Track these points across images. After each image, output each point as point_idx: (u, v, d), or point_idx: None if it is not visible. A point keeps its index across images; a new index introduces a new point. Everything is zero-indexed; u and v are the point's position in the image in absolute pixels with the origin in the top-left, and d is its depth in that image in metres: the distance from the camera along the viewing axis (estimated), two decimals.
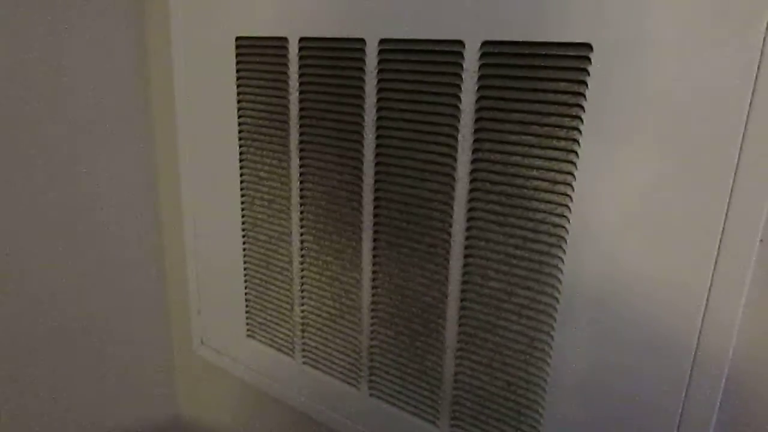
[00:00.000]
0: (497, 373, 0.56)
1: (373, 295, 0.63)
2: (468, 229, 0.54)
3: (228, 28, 0.67)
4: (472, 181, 0.53)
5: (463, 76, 0.50)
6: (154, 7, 0.75)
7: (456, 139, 0.52)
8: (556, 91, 0.46)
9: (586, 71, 0.44)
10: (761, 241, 0.40)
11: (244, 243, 0.75)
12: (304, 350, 0.72)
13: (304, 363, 0.73)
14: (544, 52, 0.46)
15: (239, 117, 0.69)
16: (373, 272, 0.62)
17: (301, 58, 0.61)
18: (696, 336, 0.44)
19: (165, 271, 0.89)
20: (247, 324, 0.78)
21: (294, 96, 0.63)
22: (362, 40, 0.56)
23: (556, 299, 0.50)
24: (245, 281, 0.76)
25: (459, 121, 0.52)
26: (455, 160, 0.53)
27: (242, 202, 0.73)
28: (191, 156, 0.77)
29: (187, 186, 0.79)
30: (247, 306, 0.77)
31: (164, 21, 0.74)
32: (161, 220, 0.86)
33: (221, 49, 0.68)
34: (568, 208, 0.48)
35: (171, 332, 0.93)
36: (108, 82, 0.75)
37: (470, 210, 0.53)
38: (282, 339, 0.75)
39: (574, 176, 0.47)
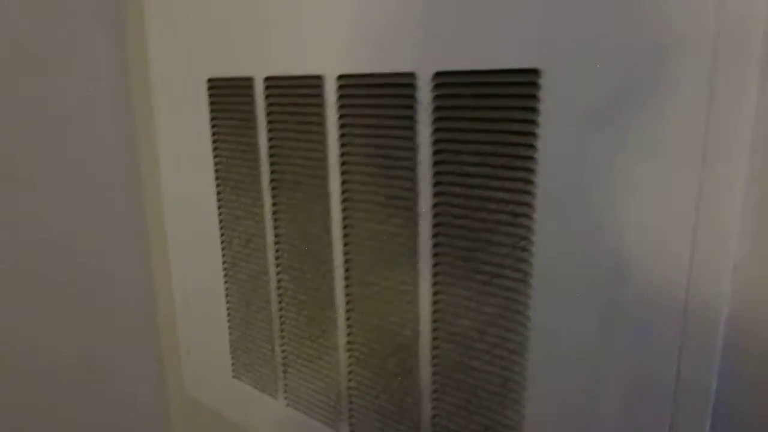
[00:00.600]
0: (474, 416, 0.53)
1: (349, 335, 0.61)
2: (435, 265, 0.52)
3: (200, 69, 0.67)
4: (435, 215, 0.51)
5: (418, 109, 0.49)
6: (136, 53, 0.77)
7: (416, 173, 0.51)
8: (509, 120, 0.44)
9: (536, 97, 0.42)
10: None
11: (225, 282, 0.74)
12: (286, 392, 0.70)
13: (287, 405, 0.71)
14: (493, 80, 0.44)
15: (215, 157, 0.69)
16: (347, 311, 0.60)
17: (267, 96, 0.61)
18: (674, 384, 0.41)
19: (156, 311, 0.89)
20: (233, 364, 0.77)
21: (263, 135, 0.62)
22: (320, 77, 0.55)
23: (526, 337, 0.48)
24: (228, 321, 0.75)
25: (417, 154, 0.50)
26: (417, 194, 0.51)
27: (222, 241, 0.72)
28: (174, 196, 0.77)
29: (171, 224, 0.79)
30: (231, 346, 0.76)
31: (144, 66, 0.75)
32: (150, 258, 0.87)
33: (195, 91, 0.68)
34: (530, 241, 0.45)
35: (165, 372, 0.92)
36: (97, 131, 0.76)
37: (435, 245, 0.51)
38: (266, 380, 0.73)
39: (533, 207, 0.45)
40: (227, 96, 0.65)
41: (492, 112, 0.45)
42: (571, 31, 0.40)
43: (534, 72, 0.42)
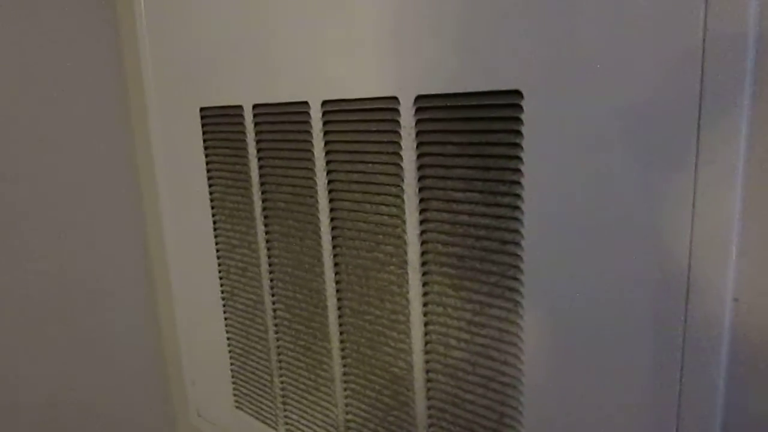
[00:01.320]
0: None
1: (344, 366, 0.59)
2: (425, 294, 0.50)
3: (193, 98, 0.67)
4: (422, 243, 0.49)
5: (401, 133, 0.47)
6: (134, 83, 0.77)
7: (402, 199, 0.49)
8: (492, 143, 0.43)
9: (519, 120, 0.40)
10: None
11: (224, 312, 0.73)
12: (286, 423, 0.69)
13: None
14: (475, 103, 0.43)
15: (210, 186, 0.69)
16: (341, 341, 0.59)
17: (256, 124, 0.60)
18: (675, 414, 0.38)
19: (161, 343, 0.88)
20: (234, 395, 0.76)
21: (254, 163, 0.62)
22: (306, 103, 0.54)
23: (520, 370, 0.45)
24: (229, 351, 0.74)
25: (403, 180, 0.48)
26: (404, 222, 0.49)
27: (219, 271, 0.71)
28: (174, 228, 0.77)
29: (171, 252, 0.79)
30: (232, 377, 0.75)
31: (142, 95, 0.75)
32: (154, 288, 0.86)
33: (189, 120, 0.68)
34: (520, 269, 0.43)
35: (172, 404, 0.91)
36: (98, 163, 0.77)
37: (425, 274, 0.49)
38: (266, 411, 0.71)
39: (521, 234, 0.42)
40: (219, 125, 0.65)
41: (475, 135, 0.43)
42: (552, 51, 0.38)
43: (516, 93, 0.40)
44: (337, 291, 0.57)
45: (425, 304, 0.50)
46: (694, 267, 0.35)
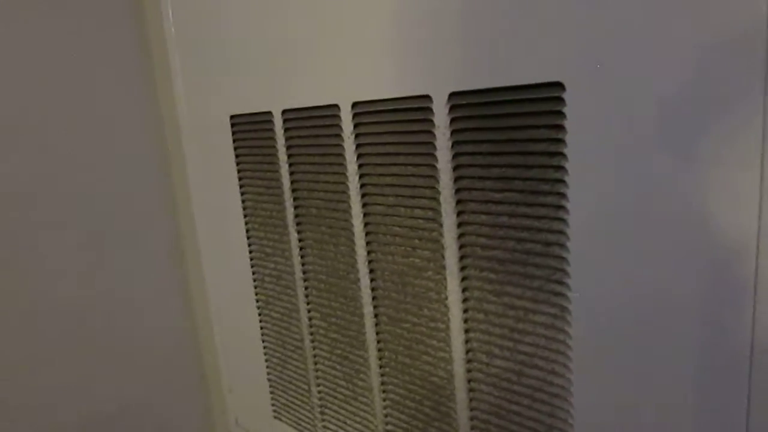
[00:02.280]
0: None
1: (382, 375, 0.57)
2: (464, 300, 0.48)
3: (222, 106, 0.66)
4: (461, 247, 0.47)
5: (435, 133, 0.45)
6: (165, 91, 0.77)
7: (438, 201, 0.47)
8: (533, 140, 0.40)
9: (561, 113, 0.38)
10: None
11: (260, 321, 0.72)
12: None
13: None
14: (513, 98, 0.40)
15: (242, 194, 0.68)
16: (379, 350, 0.57)
17: (285, 130, 0.59)
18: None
19: (199, 351, 0.88)
20: (272, 405, 0.75)
21: (284, 169, 0.60)
22: (336, 106, 0.52)
23: (569, 380, 0.42)
24: (266, 360, 0.73)
25: (438, 182, 0.46)
26: (441, 225, 0.47)
27: (254, 279, 0.71)
28: (208, 235, 0.77)
29: (207, 260, 0.79)
30: (270, 386, 0.74)
31: (173, 105, 0.75)
32: (190, 297, 0.86)
33: (220, 127, 0.68)
34: (566, 272, 0.40)
35: (212, 412, 0.91)
36: (133, 173, 0.78)
37: (463, 279, 0.47)
38: (305, 420, 0.70)
39: (566, 235, 0.40)
40: (249, 131, 0.64)
41: (514, 132, 0.41)
42: (596, 40, 0.35)
43: (558, 85, 0.38)
44: (373, 298, 0.55)
45: (465, 311, 0.48)
46: (762, 267, 0.32)
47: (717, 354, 0.35)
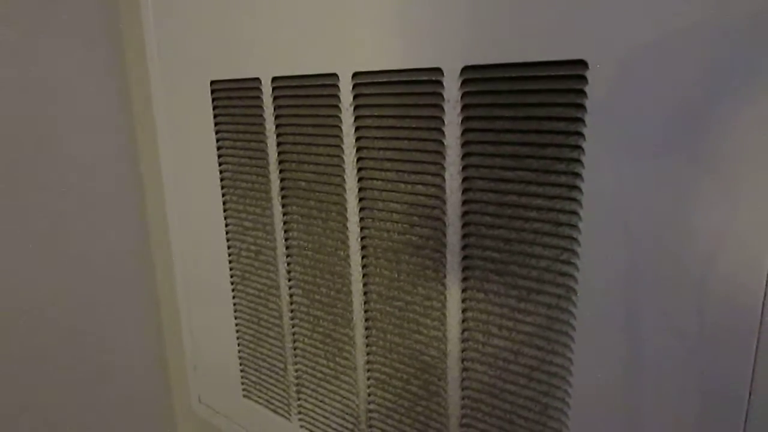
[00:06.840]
0: None
1: (368, 354, 0.56)
2: (464, 279, 0.47)
3: (202, 71, 0.62)
4: (464, 225, 0.46)
5: (445, 108, 0.44)
6: (134, 55, 0.72)
7: (443, 178, 0.46)
8: (550, 118, 0.40)
9: (582, 92, 0.38)
10: None
11: (233, 297, 0.69)
12: (300, 413, 0.66)
13: (301, 426, 0.66)
14: (531, 74, 0.39)
15: (220, 164, 0.65)
16: (366, 329, 0.56)
17: (275, 99, 0.56)
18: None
19: (161, 326, 0.84)
20: (242, 383, 0.72)
21: (271, 140, 0.58)
22: (334, 75, 0.50)
23: (569, 360, 0.43)
24: (237, 338, 0.71)
25: (444, 158, 0.45)
26: (444, 202, 0.46)
27: (229, 254, 0.68)
28: (178, 206, 0.73)
29: (175, 232, 0.75)
30: (241, 364, 0.72)
31: (144, 70, 0.70)
32: (155, 270, 0.82)
33: (198, 94, 0.64)
34: (575, 252, 0.41)
35: (171, 389, 0.87)
36: (96, 140, 0.72)
37: (465, 258, 0.47)
38: (278, 400, 0.68)
39: (579, 216, 0.40)
40: (232, 99, 0.61)
41: (531, 109, 0.40)
42: (623, 18, 0.35)
43: (581, 63, 0.37)
44: (364, 275, 0.54)
45: (464, 290, 0.47)
46: None
47: (728, 341, 0.36)
